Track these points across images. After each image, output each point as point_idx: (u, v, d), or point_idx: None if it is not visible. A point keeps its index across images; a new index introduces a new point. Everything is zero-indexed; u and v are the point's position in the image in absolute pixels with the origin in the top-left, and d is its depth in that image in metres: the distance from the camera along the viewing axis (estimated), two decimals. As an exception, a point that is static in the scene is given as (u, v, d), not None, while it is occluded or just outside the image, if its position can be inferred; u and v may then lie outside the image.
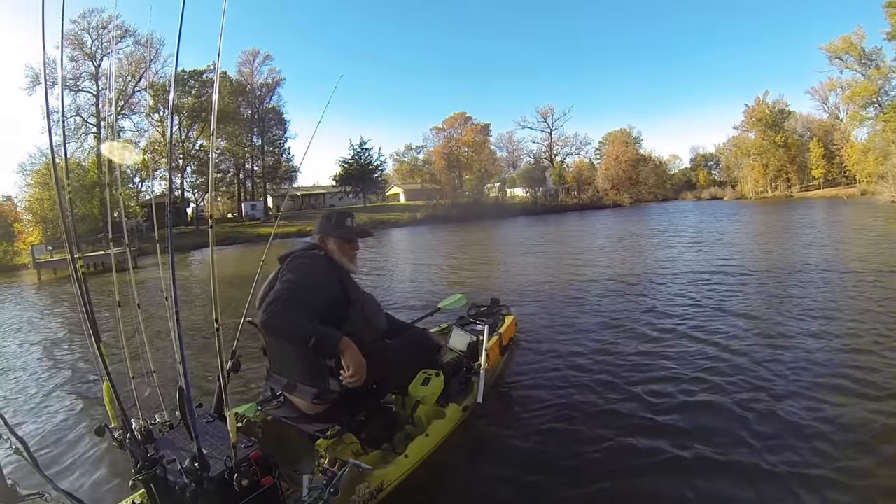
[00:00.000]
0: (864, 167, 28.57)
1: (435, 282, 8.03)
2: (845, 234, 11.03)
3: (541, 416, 2.77)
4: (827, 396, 2.73)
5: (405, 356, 2.27)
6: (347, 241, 2.13)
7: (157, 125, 28.95)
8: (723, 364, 3.39)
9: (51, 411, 2.79)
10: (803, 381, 2.97)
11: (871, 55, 29.13)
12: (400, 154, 45.89)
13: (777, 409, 2.62)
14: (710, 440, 2.37)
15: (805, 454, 2.18)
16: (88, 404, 2.89)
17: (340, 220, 2.16)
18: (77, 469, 2.16)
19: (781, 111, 40.30)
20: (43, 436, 2.48)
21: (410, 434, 2.15)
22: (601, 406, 2.86)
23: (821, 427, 2.39)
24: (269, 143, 37.58)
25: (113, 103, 4.22)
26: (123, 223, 3.00)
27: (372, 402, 2.10)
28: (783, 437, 2.33)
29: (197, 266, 14.44)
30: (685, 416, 2.64)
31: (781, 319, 4.33)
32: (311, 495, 1.58)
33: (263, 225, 29.56)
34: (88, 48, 25.96)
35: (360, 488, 1.74)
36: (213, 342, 3.75)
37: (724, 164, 50.55)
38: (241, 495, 1.31)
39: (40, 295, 10.35)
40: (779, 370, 3.15)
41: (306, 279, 1.87)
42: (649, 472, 2.16)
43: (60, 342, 5.12)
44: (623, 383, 3.17)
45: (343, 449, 1.86)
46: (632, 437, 2.48)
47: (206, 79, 30.57)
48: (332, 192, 41.60)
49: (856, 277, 5.89)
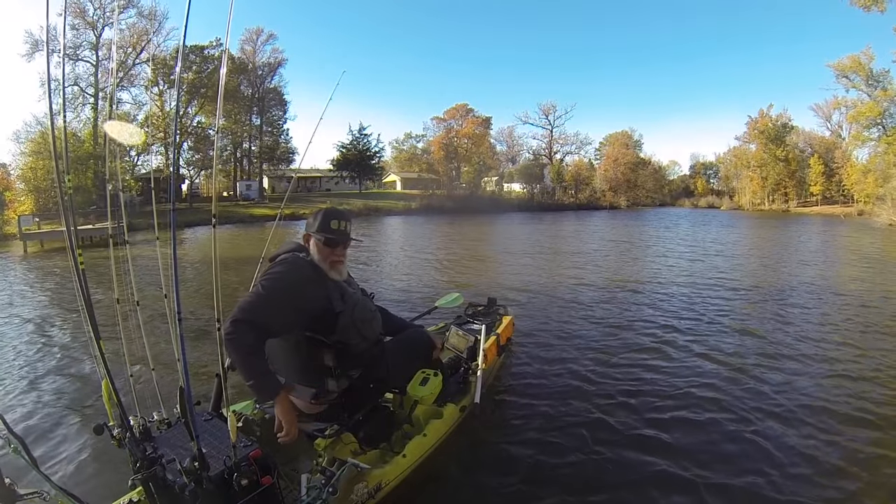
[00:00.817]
0: (864, 188, 28.58)
1: (429, 274, 8.00)
2: (844, 256, 10.93)
3: (537, 416, 2.80)
4: (813, 417, 2.76)
5: (403, 356, 2.24)
6: (328, 246, 1.89)
7: (155, 99, 28.34)
8: (713, 370, 3.48)
9: (50, 411, 2.73)
10: (795, 399, 3.01)
11: (878, 76, 29.02)
12: (399, 142, 45.59)
13: (767, 426, 2.66)
14: (697, 446, 2.44)
15: (792, 476, 2.19)
16: (86, 400, 2.84)
17: (325, 220, 1.90)
18: (75, 468, 2.13)
19: (784, 125, 40.32)
20: (41, 435, 2.44)
21: (408, 434, 2.14)
22: (596, 407, 2.91)
23: (808, 450, 2.41)
24: (268, 124, 36.98)
25: (118, 73, 4.06)
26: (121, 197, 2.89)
27: (370, 402, 2.08)
28: (773, 456, 2.35)
29: (190, 245, 14.23)
30: (675, 422, 2.69)
31: (779, 337, 4.34)
32: (309, 494, 1.56)
33: (257, 206, 29.03)
34: (90, 17, 25.27)
35: (359, 488, 1.73)
36: (205, 332, 3.68)
37: (723, 174, 50.76)
38: (240, 495, 1.29)
39: (24, 268, 9.98)
40: (770, 388, 3.19)
41: (274, 295, 1.69)
42: (642, 474, 2.21)
43: (50, 324, 5.00)
44: (617, 384, 3.24)
45: (341, 448, 1.84)
46: (626, 438, 2.54)
47: (207, 54, 29.85)
48: (329, 177, 41.15)
49: (857, 301, 5.79)
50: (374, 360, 2.03)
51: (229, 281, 5.61)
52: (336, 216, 1.93)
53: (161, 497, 1.21)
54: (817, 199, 37.63)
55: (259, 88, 35.24)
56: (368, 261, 9.69)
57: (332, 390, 1.87)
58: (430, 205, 33.58)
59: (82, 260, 1.17)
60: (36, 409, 2.73)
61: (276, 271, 1.80)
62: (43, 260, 11.15)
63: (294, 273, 1.80)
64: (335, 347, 1.87)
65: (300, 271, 1.82)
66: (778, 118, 40.43)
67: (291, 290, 1.75)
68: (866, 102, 29.45)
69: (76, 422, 2.57)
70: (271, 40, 35.51)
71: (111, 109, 22.55)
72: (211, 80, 29.34)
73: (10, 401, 2.84)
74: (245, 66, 33.81)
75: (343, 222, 1.93)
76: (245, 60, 34.09)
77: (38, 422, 2.58)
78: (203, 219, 20.20)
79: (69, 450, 2.27)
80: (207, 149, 30.93)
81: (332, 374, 1.87)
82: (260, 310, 1.65)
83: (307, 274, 1.83)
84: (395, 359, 2.16)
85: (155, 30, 26.76)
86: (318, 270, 1.87)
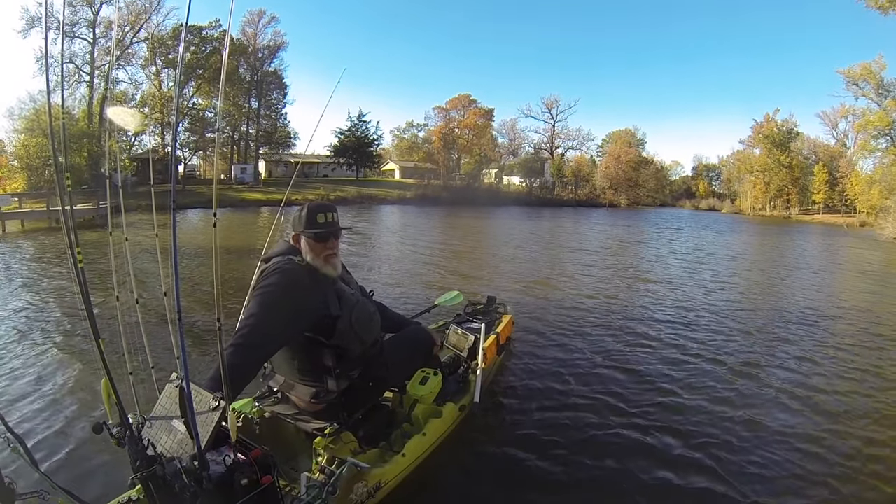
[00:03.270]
0: (868, 199, 28.48)
1: (420, 271, 7.96)
2: (852, 269, 10.50)
3: (537, 415, 2.81)
4: (821, 429, 2.76)
5: (403, 354, 2.23)
6: (319, 241, 1.85)
7: (152, 78, 27.85)
8: (715, 370, 3.54)
9: (50, 410, 2.70)
10: (799, 410, 2.99)
11: (889, 86, 28.72)
12: (401, 130, 45.16)
13: (772, 426, 2.69)
14: (698, 446, 2.47)
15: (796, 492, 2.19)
16: (86, 399, 2.81)
17: (311, 216, 1.84)
18: (75, 467, 2.11)
19: (790, 131, 40.21)
20: (41, 435, 2.42)
21: (408, 433, 2.13)
22: (596, 406, 2.93)
23: (810, 465, 2.39)
24: (266, 107, 36.46)
25: (112, 53, 3.95)
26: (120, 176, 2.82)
27: (370, 401, 2.07)
28: (776, 467, 2.35)
29: (182, 230, 13.98)
30: (675, 422, 2.71)
31: (784, 339, 4.36)
32: (309, 494, 1.55)
33: (251, 190, 28.36)
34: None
35: (358, 487, 1.72)
36: (200, 325, 3.60)
37: (725, 177, 50.81)
38: (240, 494, 1.27)
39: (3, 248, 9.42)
40: (774, 390, 3.21)
41: (270, 310, 1.66)
42: (642, 474, 2.22)
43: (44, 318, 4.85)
44: (617, 384, 3.26)
45: (341, 447, 1.83)
46: (626, 438, 2.55)
47: (205, 35, 29.31)
48: (327, 162, 40.71)
49: (869, 317, 5.56)
50: (374, 360, 2.02)
51: (221, 273, 5.46)
52: (321, 209, 1.88)
53: (160, 496, 1.19)
54: (819, 207, 37.69)
55: (259, 71, 34.70)
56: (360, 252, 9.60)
57: (331, 390, 1.85)
58: (425, 195, 33.13)
59: (81, 258, 1.13)
60: (35, 409, 2.70)
61: (269, 281, 1.74)
62: (21, 240, 10.53)
63: (288, 277, 1.75)
64: (334, 348, 1.85)
65: (295, 275, 1.77)
66: (783, 123, 40.34)
67: (287, 297, 1.71)
68: (875, 112, 29.15)
69: (76, 421, 2.55)
70: (273, 23, 34.92)
71: (107, 88, 22.17)
72: (209, 62, 28.85)
73: (10, 401, 2.81)
74: (245, 48, 33.23)
75: (329, 214, 1.88)
76: (245, 42, 33.51)
77: (38, 421, 2.56)
78: (197, 201, 20.07)
79: (69, 449, 2.26)
80: (204, 130, 30.51)
81: (332, 374, 1.85)
82: (260, 327, 1.63)
83: (304, 283, 1.78)
84: (394, 357, 2.14)
85: (154, 8, 26.23)
86: (313, 275, 1.82)
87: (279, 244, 1.95)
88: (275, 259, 1.85)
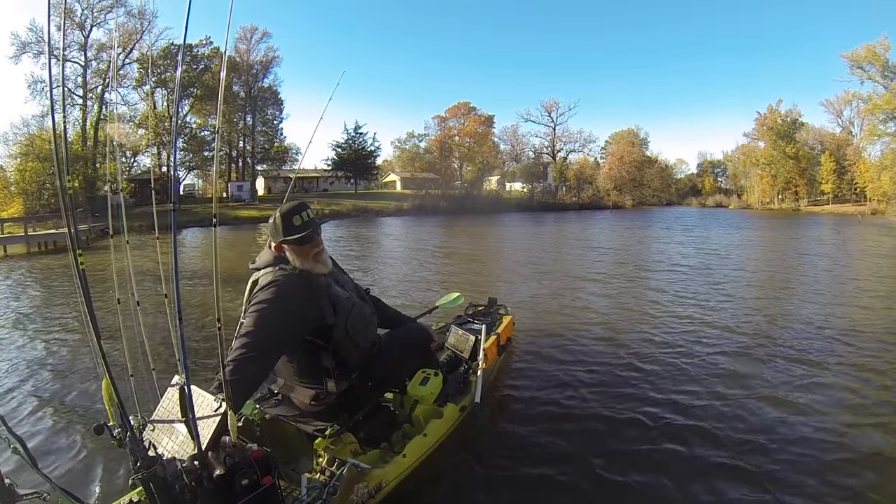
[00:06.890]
0: (879, 186, 27.67)
1: (417, 274, 7.97)
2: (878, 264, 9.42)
3: (538, 415, 2.80)
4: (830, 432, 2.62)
5: (400, 351, 2.23)
6: (304, 244, 1.81)
7: (145, 99, 28.34)
8: (717, 370, 3.43)
9: (50, 411, 2.75)
10: (807, 415, 2.82)
11: (894, 68, 28.13)
12: (402, 141, 45.43)
13: (776, 427, 2.62)
14: (699, 447, 2.40)
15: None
16: (86, 400, 2.85)
17: (287, 221, 1.80)
18: (76, 468, 2.14)
19: (794, 121, 39.56)
20: (41, 435, 2.45)
21: (409, 433, 2.14)
22: (597, 407, 2.89)
23: (815, 466, 2.28)
24: (262, 123, 36.65)
25: (109, 74, 4.11)
26: (121, 198, 2.93)
27: (370, 402, 2.09)
28: (779, 467, 2.27)
29: (180, 247, 13.92)
30: (677, 423, 2.66)
31: (792, 352, 3.93)
32: (309, 494, 1.57)
33: (246, 207, 27.91)
34: (78, 17, 25.22)
35: (359, 488, 1.73)
36: (199, 333, 3.61)
37: (731, 172, 50.24)
38: (240, 495, 1.30)
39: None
40: (784, 390, 3.12)
41: (266, 325, 1.65)
42: (643, 475, 2.19)
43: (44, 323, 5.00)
44: (618, 384, 3.22)
45: (342, 448, 1.85)
46: (626, 439, 2.53)
47: (196, 53, 29.77)
48: (325, 177, 40.87)
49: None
50: (373, 360, 2.04)
51: (209, 292, 5.39)
52: (294, 212, 1.82)
53: (161, 497, 1.21)
54: (828, 197, 36.90)
55: (253, 87, 35.13)
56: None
57: (331, 391, 1.88)
58: (422, 205, 32.48)
59: (82, 260, 1.18)
60: (36, 410, 2.74)
61: (263, 296, 1.72)
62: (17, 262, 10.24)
63: (282, 289, 1.74)
64: (333, 351, 1.88)
65: (289, 286, 1.76)
66: (787, 114, 39.63)
67: (282, 308, 1.71)
68: (882, 95, 28.48)
69: (76, 422, 2.57)
70: (266, 38, 35.44)
71: (100, 110, 22.57)
72: (200, 80, 29.21)
73: (10, 401, 2.86)
74: (238, 65, 33.69)
75: (304, 213, 1.83)
76: (238, 59, 33.99)
77: (38, 422, 2.59)
78: (191, 221, 20.03)
79: (69, 450, 2.28)
80: (200, 149, 30.77)
81: (331, 376, 1.88)
82: (259, 343, 1.62)
83: (299, 293, 1.77)
84: (392, 355, 2.15)
85: (145, 29, 26.69)
86: (308, 283, 1.81)
87: (265, 252, 1.93)
88: (265, 270, 1.85)
